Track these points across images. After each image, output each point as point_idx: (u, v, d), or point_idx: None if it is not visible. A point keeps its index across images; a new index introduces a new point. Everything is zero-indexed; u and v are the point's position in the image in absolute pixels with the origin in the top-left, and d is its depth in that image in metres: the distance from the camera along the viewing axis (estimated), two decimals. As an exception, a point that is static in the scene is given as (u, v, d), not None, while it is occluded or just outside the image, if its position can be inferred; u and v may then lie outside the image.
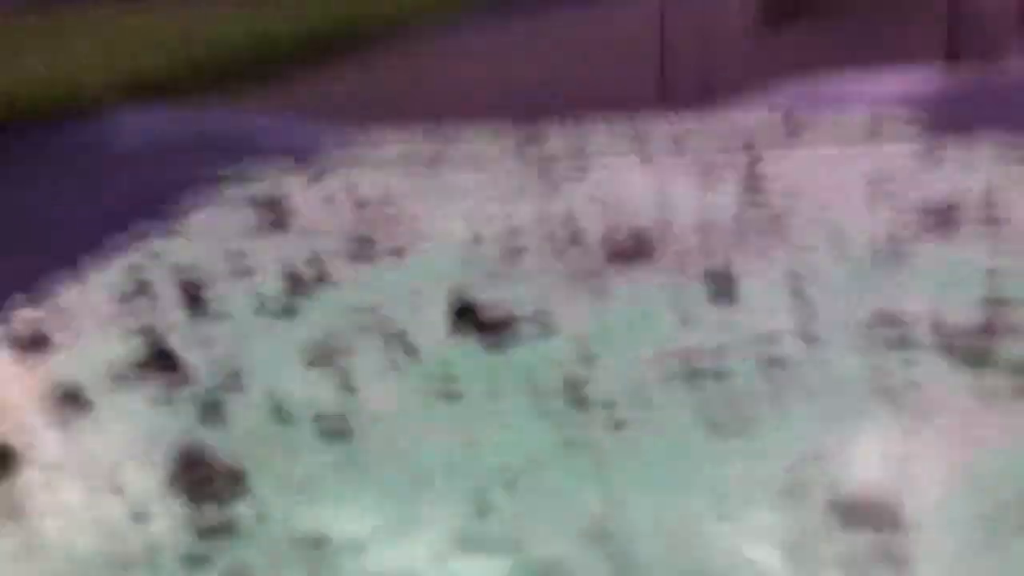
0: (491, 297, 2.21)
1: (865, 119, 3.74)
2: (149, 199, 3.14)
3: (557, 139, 3.68)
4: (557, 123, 3.81)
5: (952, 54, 6.26)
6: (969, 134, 3.49)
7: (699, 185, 3.06)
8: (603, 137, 3.68)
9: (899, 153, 3.33)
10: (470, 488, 1.54)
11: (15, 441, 1.69)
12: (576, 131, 3.75)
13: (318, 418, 1.73)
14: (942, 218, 2.61)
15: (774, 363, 1.88)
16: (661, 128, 3.76)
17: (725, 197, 2.92)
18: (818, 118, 3.78)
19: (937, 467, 1.55)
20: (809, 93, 4.76)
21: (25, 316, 2.26)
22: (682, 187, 3.04)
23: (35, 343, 2.11)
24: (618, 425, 1.69)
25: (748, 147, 3.39)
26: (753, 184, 3.00)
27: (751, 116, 3.80)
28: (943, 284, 2.27)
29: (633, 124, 3.79)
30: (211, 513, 1.49)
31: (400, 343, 2.02)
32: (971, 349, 1.89)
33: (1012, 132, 3.78)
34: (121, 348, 2.05)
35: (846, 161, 3.24)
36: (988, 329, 1.97)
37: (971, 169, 3.12)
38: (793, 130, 3.62)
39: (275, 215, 2.91)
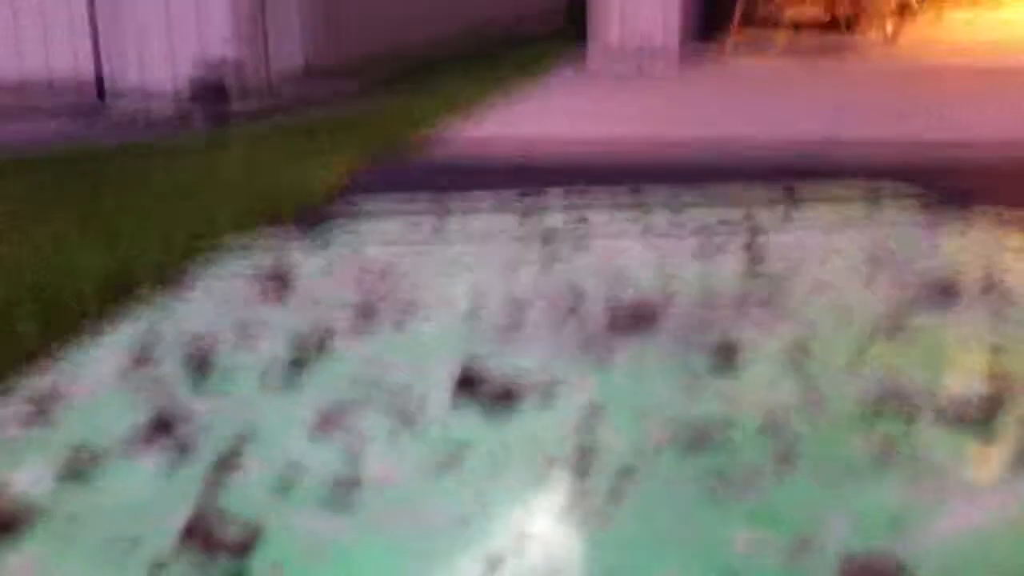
0: (494, 365, 2.22)
1: (864, 191, 3.79)
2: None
3: (558, 207, 3.71)
4: (559, 193, 3.84)
5: None
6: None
7: (699, 255, 3.08)
8: (604, 207, 3.71)
9: (899, 225, 3.37)
10: (476, 555, 1.54)
11: (23, 504, 1.69)
12: (577, 200, 3.78)
13: (323, 484, 1.74)
14: (943, 290, 2.63)
15: (776, 430, 1.89)
16: (661, 198, 3.79)
17: (726, 267, 2.94)
18: (818, 189, 3.82)
19: (942, 532, 1.56)
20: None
21: (34, 379, 2.28)
22: (682, 257, 3.07)
23: (45, 405, 2.12)
24: (621, 491, 1.70)
25: (748, 218, 3.43)
26: (754, 255, 3.03)
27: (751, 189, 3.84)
28: (945, 354, 2.29)
29: (634, 194, 3.83)
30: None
31: (404, 411, 2.04)
32: (974, 415, 1.90)
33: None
34: (129, 411, 2.06)
35: (846, 232, 3.27)
36: (992, 395, 1.99)
37: (970, 241, 3.15)
38: (793, 202, 3.66)
39: (279, 283, 2.93)
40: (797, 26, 8.73)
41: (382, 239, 3.40)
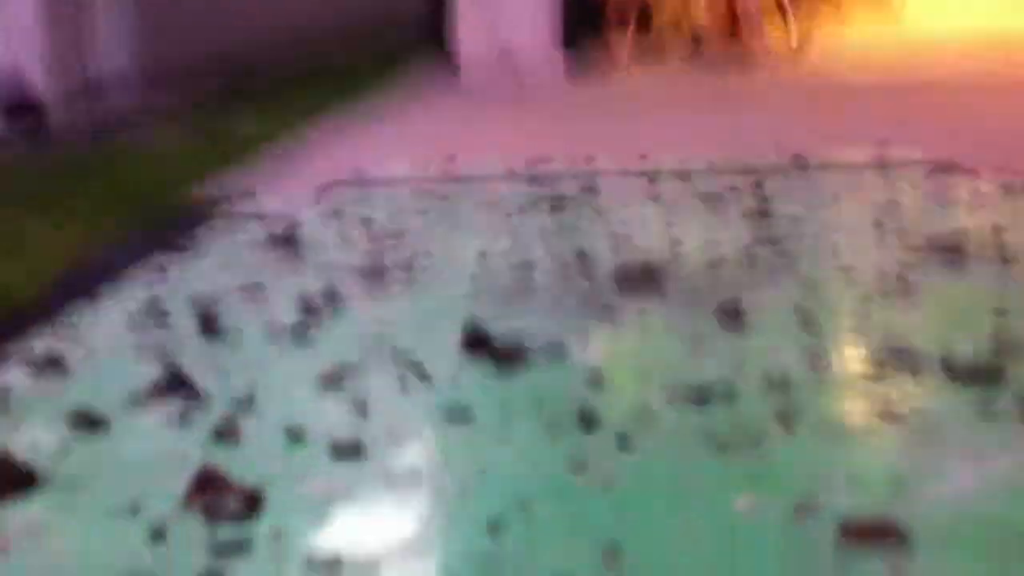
0: (502, 323, 2.23)
1: (872, 154, 3.78)
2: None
3: (566, 173, 3.71)
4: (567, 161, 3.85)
5: None
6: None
7: (706, 218, 3.08)
8: (612, 172, 3.71)
9: (906, 186, 3.36)
10: (483, 510, 1.56)
11: (33, 462, 1.71)
12: (585, 166, 3.78)
13: (331, 440, 1.75)
14: (950, 251, 2.63)
15: (782, 387, 1.90)
16: (669, 163, 3.79)
17: (732, 229, 2.94)
18: (826, 154, 3.81)
19: (944, 494, 1.57)
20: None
21: (41, 339, 2.29)
22: (689, 219, 3.07)
23: (51, 365, 2.14)
24: (627, 447, 1.71)
25: (756, 182, 3.42)
26: (760, 217, 3.03)
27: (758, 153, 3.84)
28: (950, 315, 2.30)
29: (642, 160, 3.83)
30: (226, 533, 1.51)
31: (412, 367, 2.05)
32: (978, 372, 1.90)
33: None
34: (135, 372, 2.08)
35: (853, 194, 3.27)
36: (996, 353, 1.99)
37: (978, 204, 3.14)
38: (801, 166, 3.65)
39: (287, 240, 2.95)
40: (696, 37, 7.97)
41: (391, 202, 3.41)
